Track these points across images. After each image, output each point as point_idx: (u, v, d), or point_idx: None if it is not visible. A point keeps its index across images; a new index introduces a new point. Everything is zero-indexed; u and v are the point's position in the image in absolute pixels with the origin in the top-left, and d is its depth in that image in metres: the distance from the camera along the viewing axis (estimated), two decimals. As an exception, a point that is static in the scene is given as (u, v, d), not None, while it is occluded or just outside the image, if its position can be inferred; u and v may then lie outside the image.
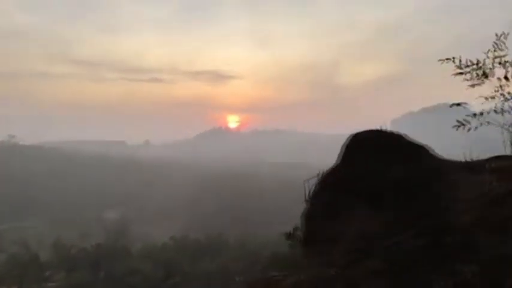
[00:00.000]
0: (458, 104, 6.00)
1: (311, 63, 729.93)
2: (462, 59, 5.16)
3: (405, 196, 6.34)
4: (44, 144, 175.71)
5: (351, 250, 5.82)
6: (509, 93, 4.99)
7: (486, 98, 4.86)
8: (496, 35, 4.80)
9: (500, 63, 4.73)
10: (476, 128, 5.35)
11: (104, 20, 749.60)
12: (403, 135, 8.59)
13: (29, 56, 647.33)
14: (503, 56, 4.72)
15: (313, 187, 8.77)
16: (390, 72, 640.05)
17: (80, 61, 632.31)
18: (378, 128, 9.44)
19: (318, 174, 8.28)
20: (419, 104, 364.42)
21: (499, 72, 4.78)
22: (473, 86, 4.84)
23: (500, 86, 4.80)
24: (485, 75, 4.84)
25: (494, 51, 4.69)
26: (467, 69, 4.84)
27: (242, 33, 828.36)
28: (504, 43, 4.75)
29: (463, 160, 7.88)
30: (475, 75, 4.83)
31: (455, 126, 5.36)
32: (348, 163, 7.74)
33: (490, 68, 4.78)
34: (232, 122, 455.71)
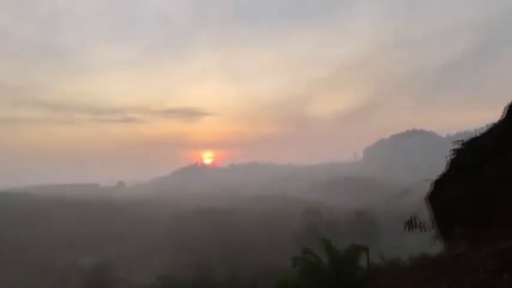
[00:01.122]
0: None
1: (281, 98, 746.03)
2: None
3: None
4: (8, 191, 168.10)
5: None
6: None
7: None
8: None
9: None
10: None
11: (72, 62, 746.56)
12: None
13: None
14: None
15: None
16: (358, 104, 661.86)
17: (47, 104, 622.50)
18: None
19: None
20: (390, 132, 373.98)
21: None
22: None
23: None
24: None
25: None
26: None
27: (212, 70, 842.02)
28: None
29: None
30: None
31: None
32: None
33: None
34: (207, 158, 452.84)
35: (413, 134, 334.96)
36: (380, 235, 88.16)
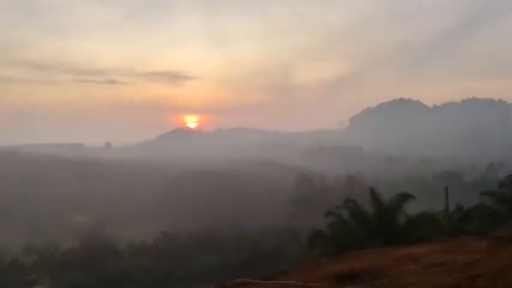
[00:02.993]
0: None
1: (266, 65, 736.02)
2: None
3: None
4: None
5: None
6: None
7: None
8: None
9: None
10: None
11: (55, 23, 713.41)
12: None
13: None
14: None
15: None
16: (344, 73, 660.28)
17: (29, 64, 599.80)
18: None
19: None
20: (376, 101, 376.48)
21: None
22: None
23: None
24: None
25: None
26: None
27: (197, 33, 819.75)
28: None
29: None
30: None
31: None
32: None
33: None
34: (192, 122, 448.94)
35: (400, 103, 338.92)
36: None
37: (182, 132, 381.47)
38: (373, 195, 20.68)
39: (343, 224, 22.17)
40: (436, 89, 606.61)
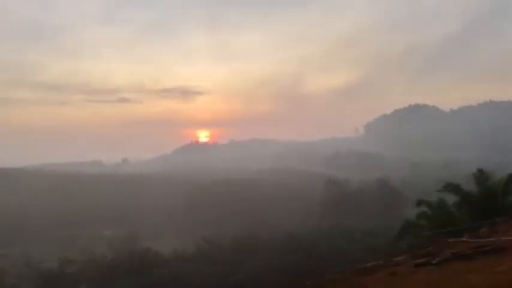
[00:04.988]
0: None
1: (276, 76, 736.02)
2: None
3: None
4: (24, 168, 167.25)
5: None
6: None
7: None
8: None
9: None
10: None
11: (66, 44, 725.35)
12: None
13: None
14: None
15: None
16: (356, 80, 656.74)
17: (42, 86, 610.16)
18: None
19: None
20: (391, 107, 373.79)
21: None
22: None
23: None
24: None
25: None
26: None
27: (205, 48, 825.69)
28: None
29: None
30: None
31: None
32: None
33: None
34: (205, 136, 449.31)
35: (416, 108, 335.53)
36: (404, 204, 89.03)
37: (197, 145, 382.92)
38: (481, 175, 20.64)
39: (442, 210, 22.06)
40: (452, 93, 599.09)
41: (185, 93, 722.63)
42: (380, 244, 33.23)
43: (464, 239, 9.63)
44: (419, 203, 23.08)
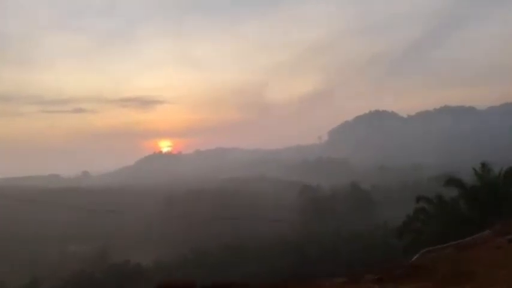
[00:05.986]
0: None
1: (240, 84, 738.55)
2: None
3: None
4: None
5: None
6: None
7: None
8: None
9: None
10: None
11: (16, 53, 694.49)
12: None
13: None
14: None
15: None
16: (319, 88, 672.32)
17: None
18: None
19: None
20: (353, 114, 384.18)
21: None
22: None
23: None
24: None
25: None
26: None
27: (167, 58, 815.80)
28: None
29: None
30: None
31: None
32: None
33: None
34: (168, 146, 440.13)
35: (376, 114, 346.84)
36: (376, 207, 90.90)
37: (161, 156, 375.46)
38: (484, 167, 21.30)
39: (444, 206, 22.45)
40: (410, 99, 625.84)
41: (146, 102, 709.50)
42: (377, 244, 33.39)
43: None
44: (418, 199, 23.71)
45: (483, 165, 23.61)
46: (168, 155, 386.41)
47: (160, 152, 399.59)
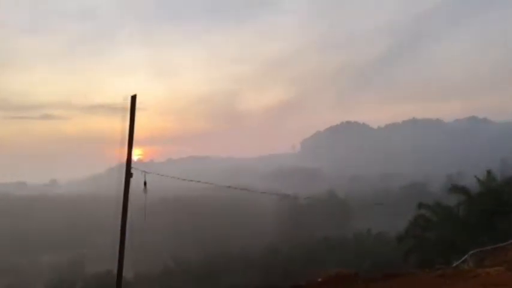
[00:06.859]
0: None
1: (211, 93, 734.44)
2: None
3: None
4: None
5: None
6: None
7: None
8: None
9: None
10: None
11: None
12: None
13: None
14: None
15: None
16: (291, 99, 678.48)
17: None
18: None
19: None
20: (325, 125, 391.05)
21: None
22: None
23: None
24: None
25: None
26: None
27: (138, 65, 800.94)
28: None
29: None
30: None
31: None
32: None
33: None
34: (139, 154, 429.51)
35: (348, 125, 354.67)
36: (351, 215, 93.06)
37: (132, 164, 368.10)
38: (489, 175, 22.40)
39: (445, 212, 23.46)
40: (379, 112, 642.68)
41: (116, 110, 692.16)
42: (368, 251, 34.40)
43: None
44: (419, 205, 24.46)
45: (488, 172, 24.95)
46: (140, 163, 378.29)
47: (132, 160, 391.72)
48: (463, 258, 13.46)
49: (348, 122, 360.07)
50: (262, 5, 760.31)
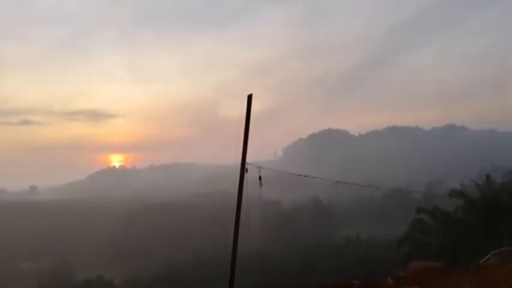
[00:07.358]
0: None
1: (193, 99, 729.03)
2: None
3: None
4: None
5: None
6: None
7: None
8: None
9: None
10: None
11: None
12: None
13: None
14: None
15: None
16: (273, 106, 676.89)
17: None
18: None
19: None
20: (307, 132, 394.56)
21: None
22: None
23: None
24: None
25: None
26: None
27: (119, 71, 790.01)
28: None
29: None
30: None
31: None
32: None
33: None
34: (120, 161, 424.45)
35: (330, 132, 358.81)
36: (338, 221, 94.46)
37: (114, 170, 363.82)
38: (488, 179, 23.47)
39: (444, 217, 24.43)
40: (360, 119, 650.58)
41: (97, 116, 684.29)
42: (375, 255, 35.12)
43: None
44: (418, 210, 25.35)
45: (487, 177, 25.88)
46: (122, 169, 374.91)
47: (113, 166, 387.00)
48: (485, 257, 14.50)
49: (330, 129, 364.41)
50: (244, 12, 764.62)
